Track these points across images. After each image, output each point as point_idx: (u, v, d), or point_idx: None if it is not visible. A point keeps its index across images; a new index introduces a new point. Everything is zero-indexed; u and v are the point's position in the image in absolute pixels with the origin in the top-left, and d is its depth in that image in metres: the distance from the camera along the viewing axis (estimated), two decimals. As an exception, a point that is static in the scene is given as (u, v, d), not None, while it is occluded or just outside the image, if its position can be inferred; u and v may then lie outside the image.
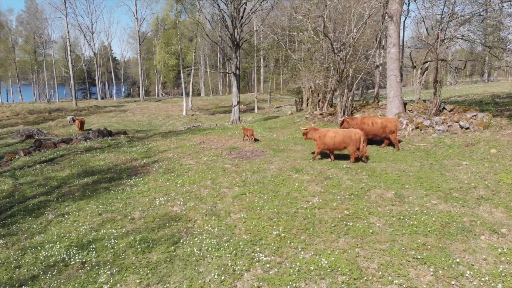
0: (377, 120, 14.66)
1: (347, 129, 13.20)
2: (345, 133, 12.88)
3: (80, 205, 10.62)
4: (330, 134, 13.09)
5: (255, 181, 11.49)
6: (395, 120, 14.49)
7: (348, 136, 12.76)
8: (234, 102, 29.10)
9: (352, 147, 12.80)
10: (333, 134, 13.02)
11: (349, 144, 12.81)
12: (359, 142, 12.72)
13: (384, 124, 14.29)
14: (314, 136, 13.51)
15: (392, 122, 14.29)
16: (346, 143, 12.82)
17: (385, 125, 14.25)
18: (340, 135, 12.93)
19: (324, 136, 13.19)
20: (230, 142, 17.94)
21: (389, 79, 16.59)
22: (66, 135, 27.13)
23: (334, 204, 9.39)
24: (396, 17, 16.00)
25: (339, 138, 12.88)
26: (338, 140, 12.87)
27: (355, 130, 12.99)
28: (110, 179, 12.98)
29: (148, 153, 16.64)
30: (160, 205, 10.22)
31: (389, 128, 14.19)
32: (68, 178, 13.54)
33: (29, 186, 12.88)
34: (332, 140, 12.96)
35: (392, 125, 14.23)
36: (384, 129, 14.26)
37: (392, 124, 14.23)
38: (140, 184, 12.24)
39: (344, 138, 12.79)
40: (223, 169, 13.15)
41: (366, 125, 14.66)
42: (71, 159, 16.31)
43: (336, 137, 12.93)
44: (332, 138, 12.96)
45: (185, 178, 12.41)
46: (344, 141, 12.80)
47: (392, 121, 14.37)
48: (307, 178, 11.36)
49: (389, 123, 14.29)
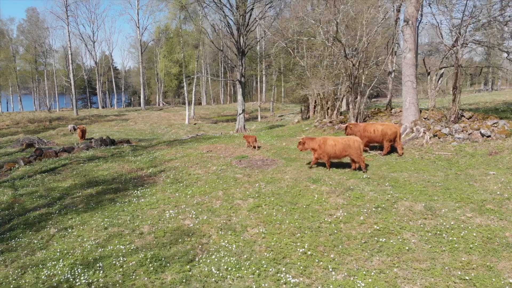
0: (378, 127, 14.55)
1: (346, 137, 12.94)
2: (344, 141, 12.58)
3: (84, 218, 9.90)
4: (330, 142, 12.74)
5: (270, 192, 10.78)
6: (395, 127, 14.36)
7: (347, 145, 12.46)
8: (239, 110, 28.48)
9: (355, 154, 12.48)
10: (333, 142, 12.68)
11: (350, 153, 12.51)
12: (359, 149, 12.45)
13: (384, 131, 14.21)
14: (312, 145, 13.16)
15: (391, 129, 14.17)
16: (346, 151, 12.53)
17: (385, 132, 14.17)
18: (340, 143, 12.61)
19: (324, 145, 12.82)
20: (238, 150, 17.25)
21: (405, 85, 15.96)
22: (68, 144, 26.45)
23: (360, 217, 8.66)
24: (412, 21, 15.45)
25: (339, 147, 12.56)
26: (339, 149, 12.56)
27: (354, 138, 12.72)
28: (116, 190, 12.27)
29: (154, 162, 15.95)
30: (170, 218, 9.49)
31: (388, 135, 14.11)
32: (71, 188, 12.83)
33: (30, 197, 12.15)
34: (333, 149, 12.62)
35: (391, 132, 14.11)
36: (384, 136, 14.20)
37: (392, 131, 14.11)
38: (148, 195, 11.52)
39: (345, 147, 12.49)
40: (234, 179, 12.44)
41: (369, 132, 14.60)
42: (73, 169, 15.60)
43: (336, 145, 12.61)
44: (332, 146, 12.63)
45: (195, 189, 11.70)
46: (345, 149, 12.50)
47: (391, 127, 14.26)
48: (326, 189, 10.65)
49: (389, 129, 14.18)
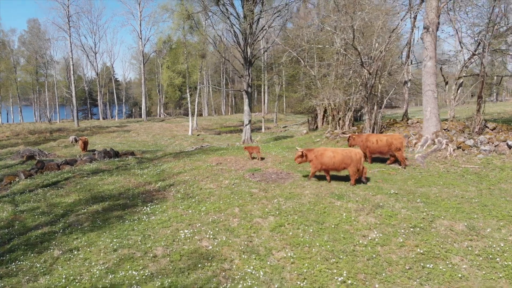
0: (382, 137, 14.27)
1: (347, 149, 12.31)
2: (344, 153, 11.90)
3: (90, 238, 9.06)
4: (328, 153, 12.08)
5: (292, 210, 9.97)
6: (401, 137, 14.00)
7: (348, 156, 11.78)
8: (246, 121, 27.76)
9: (353, 168, 11.80)
10: (332, 154, 12.01)
11: (349, 165, 11.82)
12: (360, 162, 11.80)
13: (390, 141, 13.88)
14: (309, 157, 12.60)
15: (397, 139, 13.82)
16: (346, 163, 11.84)
17: (391, 142, 13.84)
18: (339, 154, 11.93)
19: (322, 156, 12.16)
20: (249, 163, 16.45)
21: (426, 95, 15.26)
22: (69, 155, 25.64)
23: (398, 239, 7.85)
24: (433, 28, 14.82)
25: (338, 158, 11.88)
26: (337, 160, 11.88)
27: (355, 150, 12.09)
28: (123, 206, 11.44)
29: (162, 176, 15.15)
30: (185, 239, 8.66)
31: (395, 145, 13.77)
32: (75, 204, 12.00)
33: (31, 214, 11.31)
34: (331, 160, 11.96)
35: (397, 142, 13.76)
36: (390, 146, 13.86)
37: (398, 141, 13.76)
38: (158, 212, 10.70)
39: (344, 158, 11.80)
40: (250, 194, 11.63)
41: (371, 143, 14.31)
42: (77, 183, 14.79)
43: (335, 157, 11.94)
44: (331, 158, 11.98)
45: (209, 205, 10.88)
46: (344, 161, 11.81)
47: (397, 138, 13.92)
48: (353, 206, 9.84)
49: (395, 140, 13.83)
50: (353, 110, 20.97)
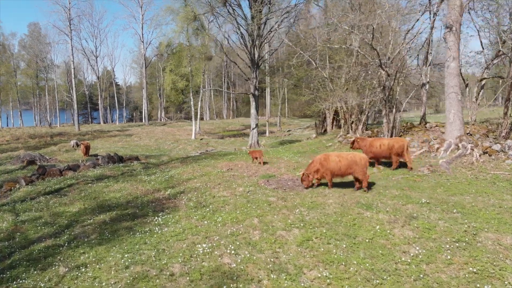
0: (384, 141, 14.17)
1: (352, 153, 11.71)
2: (350, 157, 11.33)
3: (99, 253, 8.27)
4: (332, 158, 11.49)
5: (317, 221, 9.18)
6: (403, 141, 13.89)
7: (354, 161, 11.22)
8: (253, 124, 27.03)
9: (360, 172, 11.24)
10: (337, 158, 11.43)
11: (355, 170, 11.26)
12: (365, 167, 11.26)
13: (391, 144, 13.79)
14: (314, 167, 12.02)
15: (398, 143, 13.72)
16: (352, 168, 11.27)
17: (392, 146, 13.74)
18: (344, 159, 11.35)
19: (327, 161, 11.53)
20: (262, 169, 15.69)
21: (449, 97, 14.51)
22: (71, 160, 24.85)
23: (444, 256, 7.06)
24: (456, 28, 14.12)
25: (344, 163, 11.29)
26: (344, 165, 11.29)
27: (360, 154, 11.54)
28: (133, 216, 10.65)
29: (171, 182, 14.37)
30: (204, 254, 7.87)
31: (396, 149, 13.66)
32: (80, 214, 11.20)
33: (33, 224, 10.51)
34: (337, 165, 11.36)
35: (398, 145, 13.63)
36: (391, 150, 13.76)
37: (399, 145, 13.63)
38: (171, 223, 9.91)
39: (350, 163, 11.24)
40: (268, 203, 10.84)
41: (375, 148, 14.15)
42: (81, 190, 14.00)
43: (341, 161, 11.35)
44: (336, 162, 11.37)
45: (225, 215, 10.10)
46: (350, 166, 11.24)
47: (398, 141, 13.83)
48: (385, 217, 9.06)
49: (396, 143, 13.75)
50: (367, 113, 20.24)
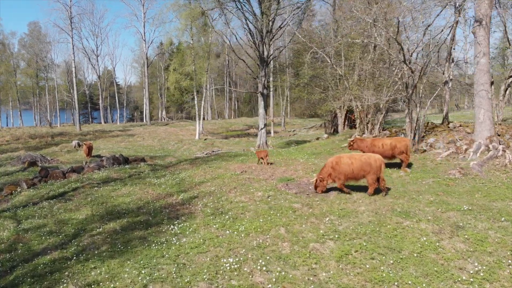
0: (386, 141, 13.88)
1: (365, 154, 10.86)
2: (363, 159, 10.41)
3: (112, 268, 7.37)
4: (344, 160, 10.59)
5: (353, 232, 8.28)
6: (404, 140, 13.67)
7: (367, 163, 10.31)
8: (261, 124, 26.11)
9: (372, 176, 10.36)
10: (349, 160, 10.52)
11: (369, 173, 10.36)
12: (380, 170, 10.37)
13: (393, 144, 13.51)
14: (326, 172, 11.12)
15: (401, 142, 13.48)
16: (365, 171, 10.38)
17: (394, 145, 13.46)
18: (357, 161, 10.43)
19: (338, 164, 10.61)
20: (278, 171, 14.80)
21: (478, 95, 13.64)
22: (73, 161, 23.96)
23: (507, 272, 6.19)
24: (486, 22, 13.25)
25: (357, 165, 10.38)
26: (356, 167, 10.39)
27: (374, 156, 10.62)
28: (146, 224, 9.75)
29: (183, 186, 13.47)
30: (231, 271, 6.98)
31: (399, 148, 13.37)
32: (88, 221, 10.30)
33: (37, 233, 9.61)
34: (350, 168, 10.43)
35: (401, 145, 13.38)
36: (394, 149, 13.46)
37: (402, 144, 13.39)
38: (189, 232, 9.01)
39: (363, 165, 10.31)
40: (292, 210, 9.95)
41: (377, 148, 13.74)
42: (86, 194, 13.11)
43: (353, 163, 10.42)
44: (349, 165, 10.46)
45: (247, 224, 9.20)
46: (363, 168, 10.34)
47: (401, 141, 13.59)
48: (428, 227, 8.17)
49: (398, 143, 13.49)
50: (383, 112, 19.35)
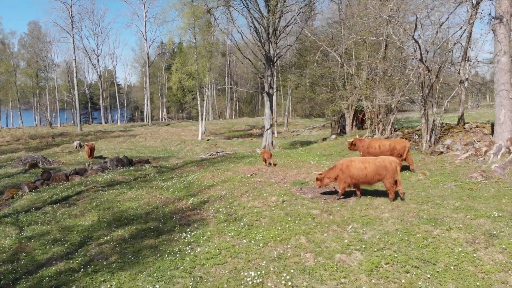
0: (385, 142, 13.77)
1: (380, 157, 10.30)
2: (378, 162, 9.89)
3: (123, 282, 6.81)
4: (357, 164, 10.06)
5: (380, 241, 7.72)
6: (404, 142, 13.46)
7: (382, 166, 9.77)
8: (267, 125, 25.57)
9: (389, 179, 9.80)
10: (362, 164, 9.97)
11: (385, 177, 9.80)
12: (396, 172, 9.80)
13: (392, 146, 13.34)
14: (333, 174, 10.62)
15: (400, 144, 13.30)
16: (380, 175, 9.83)
17: (393, 147, 13.27)
18: (372, 164, 9.88)
19: (348, 168, 10.10)
20: (290, 174, 14.26)
21: (499, 95, 13.12)
22: (75, 163, 23.45)
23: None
24: (507, 19, 12.73)
25: (371, 169, 9.83)
26: (371, 172, 9.83)
27: (389, 158, 10.11)
28: (156, 232, 9.19)
29: (191, 189, 12.92)
30: (254, 286, 6.43)
31: (398, 150, 13.15)
32: (94, 228, 9.75)
33: (40, 242, 9.06)
34: (363, 172, 9.88)
35: (400, 146, 13.19)
36: (392, 151, 13.20)
37: (401, 146, 13.21)
38: (202, 240, 8.46)
39: (378, 169, 9.76)
40: (311, 216, 9.40)
41: (373, 149, 13.70)
42: (91, 198, 12.56)
43: (367, 168, 9.87)
44: (361, 169, 9.90)
45: (264, 232, 8.65)
46: (379, 172, 9.78)
47: (400, 142, 13.43)
48: (460, 236, 7.62)
49: (398, 144, 13.31)
50: (394, 112, 18.81)
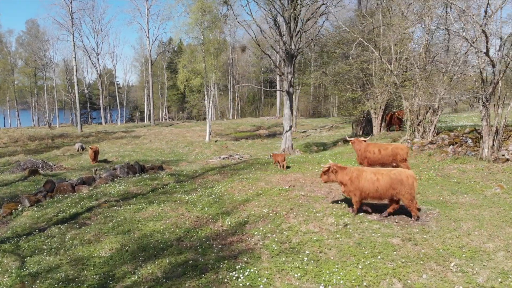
0: (386, 146, 13.16)
1: (394, 169, 8.88)
2: (392, 175, 8.46)
3: None
4: (367, 176, 8.69)
5: (504, 287, 5.77)
6: (405, 147, 13.09)
7: (398, 180, 8.36)
8: (286, 126, 23.55)
9: (407, 195, 8.42)
10: (373, 176, 8.61)
11: (400, 192, 8.45)
12: (413, 188, 8.40)
13: (395, 151, 12.79)
14: (342, 178, 9.20)
15: (403, 149, 12.86)
16: (395, 189, 8.43)
17: (396, 152, 12.74)
18: (385, 176, 8.50)
19: (358, 179, 8.78)
20: (334, 186, 12.23)
21: None
22: (78, 167, 21.44)
23: None
24: None
25: (384, 182, 8.47)
26: (383, 185, 8.49)
27: (406, 171, 8.61)
28: (195, 268, 7.14)
29: (223, 205, 10.88)
30: None
31: (401, 155, 12.67)
32: (115, 262, 7.71)
33: (48, 282, 7.02)
34: (373, 186, 8.55)
35: (403, 152, 12.76)
36: (395, 156, 12.71)
37: (403, 151, 12.78)
38: (262, 284, 6.46)
39: (393, 183, 8.38)
40: (391, 247, 7.38)
41: (370, 153, 13.00)
42: (105, 216, 10.54)
43: (379, 180, 8.52)
44: (372, 182, 8.57)
45: (339, 271, 6.63)
46: (393, 186, 8.41)
47: (403, 148, 12.97)
48: None
49: (400, 150, 12.82)
50: (433, 113, 16.87)
